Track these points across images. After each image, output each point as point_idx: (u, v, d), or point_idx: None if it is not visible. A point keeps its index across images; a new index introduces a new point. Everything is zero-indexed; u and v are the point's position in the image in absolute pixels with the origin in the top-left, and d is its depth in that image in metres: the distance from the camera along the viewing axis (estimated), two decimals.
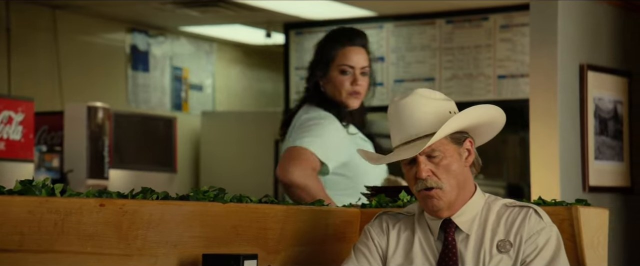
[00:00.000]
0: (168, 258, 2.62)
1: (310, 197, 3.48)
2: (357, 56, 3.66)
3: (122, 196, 2.57)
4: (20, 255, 2.29)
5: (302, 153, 3.59)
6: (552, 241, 2.62)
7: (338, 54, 3.66)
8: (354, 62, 3.64)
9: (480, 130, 2.70)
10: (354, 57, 3.65)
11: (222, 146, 8.02)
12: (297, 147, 3.62)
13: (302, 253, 2.99)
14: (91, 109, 6.17)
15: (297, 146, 3.62)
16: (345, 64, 3.64)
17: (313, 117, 3.74)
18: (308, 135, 3.66)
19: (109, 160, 6.27)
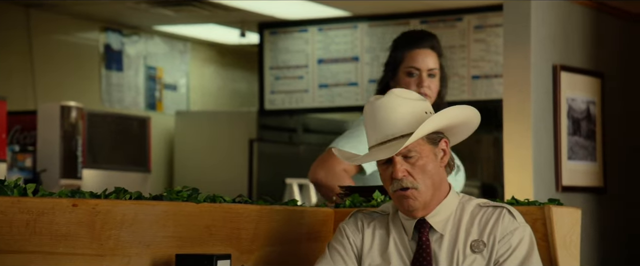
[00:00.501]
0: (141, 258, 2.61)
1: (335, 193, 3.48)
2: (423, 58, 3.66)
3: (95, 196, 2.55)
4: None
5: (332, 154, 3.60)
6: (525, 241, 2.63)
7: (405, 57, 3.66)
8: (419, 64, 3.64)
9: (456, 130, 2.71)
10: (420, 59, 3.65)
11: (197, 146, 8.00)
12: (331, 147, 3.65)
13: (275, 252, 2.99)
14: (64, 109, 6.13)
15: (331, 147, 3.66)
16: (411, 66, 3.64)
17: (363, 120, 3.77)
18: (347, 137, 3.71)
19: (83, 159, 6.24)
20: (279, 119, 7.97)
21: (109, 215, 2.53)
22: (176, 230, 2.70)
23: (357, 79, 7.24)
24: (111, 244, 2.54)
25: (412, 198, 2.61)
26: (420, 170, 2.61)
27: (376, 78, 7.20)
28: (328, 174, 3.65)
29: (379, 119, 2.62)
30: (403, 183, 2.60)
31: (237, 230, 2.88)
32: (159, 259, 2.66)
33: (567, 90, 4.58)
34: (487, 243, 2.62)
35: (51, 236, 2.40)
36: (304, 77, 7.44)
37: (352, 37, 7.26)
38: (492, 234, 2.62)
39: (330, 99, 7.37)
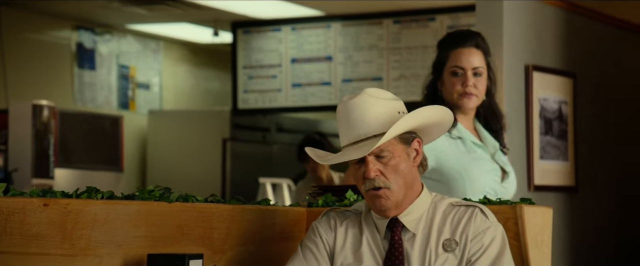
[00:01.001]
0: (113, 258, 2.60)
1: None
2: (468, 57, 3.59)
3: (67, 195, 2.54)
4: None
5: None
6: (498, 240, 2.64)
7: (449, 56, 3.61)
8: (464, 63, 3.58)
9: (428, 130, 2.72)
10: (464, 58, 3.59)
11: (170, 145, 7.98)
12: None
13: (248, 252, 2.99)
14: (36, 107, 6.10)
15: None
16: (456, 65, 3.58)
17: None
18: None
19: (55, 159, 6.20)
20: (252, 118, 7.96)
21: (80, 215, 2.52)
22: (148, 229, 2.69)
23: (330, 79, 7.24)
24: (83, 244, 2.52)
25: (384, 198, 2.62)
26: (393, 170, 2.61)
27: (349, 77, 7.23)
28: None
29: (352, 119, 2.62)
30: (375, 182, 2.61)
31: (210, 229, 2.87)
32: (131, 259, 2.65)
33: (539, 90, 4.60)
34: (459, 242, 2.63)
35: (22, 236, 2.38)
36: (277, 77, 7.44)
37: (325, 37, 7.26)
38: (465, 233, 2.63)
39: (303, 99, 7.38)
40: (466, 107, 3.60)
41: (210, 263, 2.86)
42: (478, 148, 3.59)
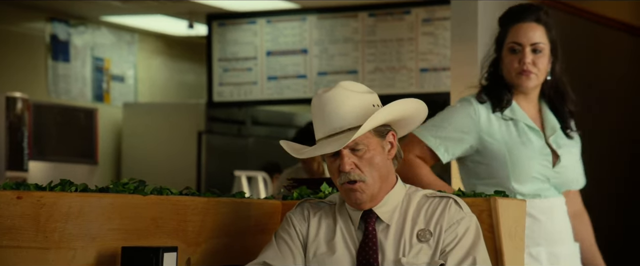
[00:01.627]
0: (86, 251, 2.60)
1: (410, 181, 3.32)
2: (526, 32, 3.39)
3: (40, 188, 2.53)
4: None
5: (409, 140, 3.49)
6: (472, 230, 2.65)
7: (508, 32, 3.42)
8: (522, 38, 3.38)
9: (403, 122, 2.73)
10: (523, 33, 3.39)
11: (145, 138, 7.96)
12: (410, 133, 3.39)
13: (222, 245, 2.99)
14: (10, 99, 6.06)
15: (411, 132, 3.39)
16: (514, 41, 3.39)
17: (452, 104, 3.60)
18: (429, 122, 3.49)
19: (29, 151, 6.17)
20: (227, 111, 7.95)
21: (54, 208, 2.51)
22: (122, 222, 2.69)
23: (305, 72, 7.24)
24: (56, 237, 2.51)
25: (359, 191, 2.63)
26: (368, 163, 2.62)
27: (325, 70, 7.23)
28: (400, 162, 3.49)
29: (327, 112, 2.62)
30: (350, 176, 2.62)
31: (184, 222, 2.87)
32: (105, 252, 2.64)
33: None
34: (433, 232, 2.64)
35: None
36: (252, 69, 7.43)
37: (301, 30, 7.26)
38: (439, 224, 2.65)
39: (278, 91, 7.37)
40: (525, 86, 3.42)
41: (185, 255, 2.86)
42: (531, 131, 3.45)
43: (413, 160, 3.48)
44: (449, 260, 2.61)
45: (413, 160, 3.48)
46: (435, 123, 3.50)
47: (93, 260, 2.61)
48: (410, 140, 3.50)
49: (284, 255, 2.71)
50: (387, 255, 2.64)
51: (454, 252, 2.62)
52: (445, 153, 3.49)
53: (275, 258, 2.70)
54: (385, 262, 2.64)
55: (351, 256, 2.66)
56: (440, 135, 3.48)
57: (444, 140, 3.48)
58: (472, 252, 2.62)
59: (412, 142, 3.50)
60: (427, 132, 3.48)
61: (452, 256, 2.61)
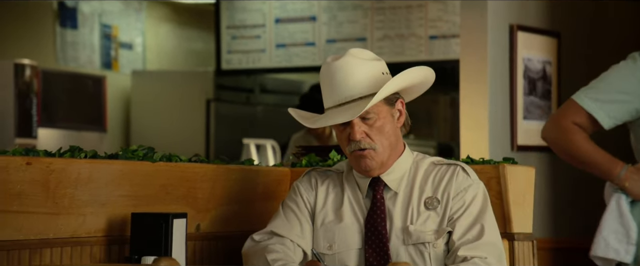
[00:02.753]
0: (96, 217, 2.61)
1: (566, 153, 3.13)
2: None
3: (50, 154, 2.54)
4: None
5: (565, 105, 3.25)
6: (479, 197, 2.65)
7: None
8: None
9: (411, 90, 2.73)
10: None
11: (153, 106, 7.95)
12: (569, 98, 3.22)
13: (231, 211, 2.99)
14: (18, 66, 6.06)
15: (571, 97, 3.22)
16: None
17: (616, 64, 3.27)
18: (590, 85, 3.26)
19: (37, 118, 6.18)
20: (235, 79, 7.93)
21: (63, 174, 2.52)
22: (132, 189, 2.69)
23: (314, 39, 7.21)
24: (66, 203, 2.52)
25: (369, 158, 2.63)
26: (378, 131, 2.62)
27: (334, 38, 7.20)
28: (554, 128, 3.25)
29: (336, 81, 2.62)
30: (361, 144, 2.62)
31: (194, 189, 2.88)
32: (115, 218, 2.65)
33: (523, 50, 4.60)
34: (441, 200, 2.64)
35: (4, 194, 2.38)
36: (261, 37, 7.41)
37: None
38: (446, 191, 2.65)
39: (287, 59, 7.35)
40: None
41: (194, 222, 2.87)
42: None
43: (568, 126, 3.22)
44: (457, 227, 2.61)
45: (568, 127, 3.21)
46: (596, 85, 3.23)
47: (103, 226, 2.63)
48: (567, 104, 3.24)
49: (292, 224, 2.71)
50: (395, 223, 2.64)
51: (462, 219, 2.62)
52: (606, 117, 3.21)
53: (282, 227, 2.71)
54: (393, 230, 2.64)
55: (359, 224, 2.67)
56: (600, 97, 3.21)
57: (604, 103, 3.21)
58: (480, 219, 2.62)
59: (569, 106, 3.24)
60: (585, 95, 3.21)
61: (459, 224, 2.62)
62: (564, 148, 3.02)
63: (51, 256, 2.49)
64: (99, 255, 2.61)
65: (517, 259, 2.91)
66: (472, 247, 2.58)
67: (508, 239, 2.89)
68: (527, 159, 4.56)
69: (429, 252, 2.61)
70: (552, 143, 3.30)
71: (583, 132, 3.22)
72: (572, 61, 4.93)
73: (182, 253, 2.63)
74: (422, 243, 2.61)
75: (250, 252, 2.69)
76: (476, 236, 2.59)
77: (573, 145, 3.19)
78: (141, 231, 2.60)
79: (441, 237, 2.62)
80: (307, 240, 2.70)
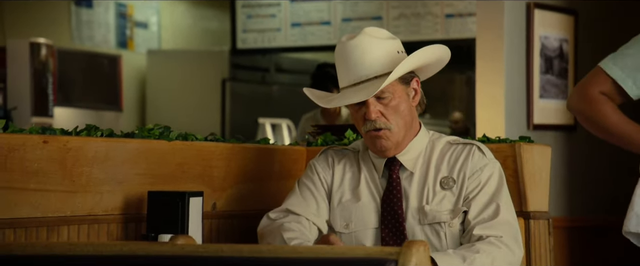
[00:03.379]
0: (113, 195, 2.62)
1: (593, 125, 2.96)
2: None
3: (66, 133, 2.55)
4: None
5: (592, 73, 3.08)
6: (495, 177, 2.65)
7: None
8: None
9: (427, 68, 2.72)
10: None
11: (168, 85, 7.96)
12: (596, 65, 3.05)
13: (247, 190, 3.00)
14: (34, 45, 6.07)
15: (598, 65, 3.04)
16: None
17: None
18: (619, 51, 3.08)
19: (53, 97, 6.20)
20: (251, 58, 7.93)
21: (80, 152, 2.52)
22: (148, 167, 2.70)
23: (330, 18, 7.20)
24: (83, 181, 2.53)
25: (384, 138, 2.62)
26: (393, 111, 2.62)
27: (349, 16, 7.19)
28: (580, 98, 3.07)
29: (352, 60, 2.61)
30: (376, 124, 2.61)
31: (210, 168, 2.88)
32: (132, 196, 2.66)
33: (540, 28, 4.58)
34: (456, 179, 2.64)
35: (22, 172, 2.39)
36: (276, 16, 7.40)
37: None
38: (462, 171, 2.64)
39: (303, 38, 7.35)
40: None
41: (210, 200, 2.87)
42: None
43: (596, 96, 3.05)
44: (472, 206, 2.61)
45: (595, 97, 3.05)
46: (625, 51, 3.06)
47: (120, 204, 2.64)
48: (594, 72, 3.10)
49: (308, 202, 2.71)
50: (410, 203, 2.64)
51: (477, 199, 2.62)
52: (634, 86, 3.04)
53: (298, 205, 2.71)
54: (409, 209, 2.64)
55: (376, 203, 2.67)
56: (629, 65, 3.04)
57: (633, 71, 3.04)
58: (496, 199, 2.62)
59: (596, 74, 3.08)
60: (613, 63, 3.05)
61: (475, 203, 2.61)
62: (592, 120, 2.91)
63: (69, 233, 2.50)
64: (116, 233, 2.63)
65: (533, 237, 2.91)
66: (488, 226, 2.58)
67: (524, 218, 2.89)
68: (543, 138, 4.55)
69: (445, 232, 2.61)
70: (579, 114, 3.12)
71: (611, 102, 3.07)
72: (589, 39, 4.90)
73: (198, 231, 2.64)
74: (437, 223, 2.61)
75: (266, 231, 2.69)
76: (492, 215, 2.59)
77: (601, 116, 3.04)
78: (158, 210, 2.61)
79: (457, 217, 2.61)
80: (322, 219, 2.71)
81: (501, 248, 2.54)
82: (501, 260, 2.53)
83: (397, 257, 1.73)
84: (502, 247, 2.54)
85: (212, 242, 2.86)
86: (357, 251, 1.79)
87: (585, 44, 4.88)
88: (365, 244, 2.65)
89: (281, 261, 1.78)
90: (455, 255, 2.49)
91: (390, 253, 1.74)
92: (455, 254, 2.49)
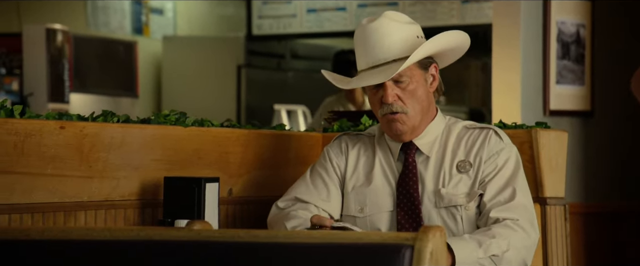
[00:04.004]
0: (129, 180, 2.62)
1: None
2: None
3: (83, 119, 2.55)
4: None
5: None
6: (511, 161, 2.64)
7: None
8: None
9: (445, 55, 2.71)
10: None
11: (184, 71, 7.97)
12: None
13: (263, 176, 3.00)
14: (50, 31, 6.08)
15: None
16: None
17: None
18: None
19: (70, 83, 6.21)
20: (266, 45, 7.92)
21: (97, 138, 2.53)
22: (164, 153, 2.71)
23: (345, 4, 7.19)
24: (100, 166, 2.54)
25: (400, 122, 2.62)
26: (411, 95, 2.61)
27: (365, 2, 7.17)
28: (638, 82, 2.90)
29: (371, 43, 2.61)
30: (393, 107, 2.61)
31: (226, 153, 2.89)
32: (148, 182, 2.67)
33: (557, 13, 4.56)
34: (473, 163, 2.64)
35: (39, 157, 2.40)
36: (291, 2, 7.39)
37: None
38: (479, 155, 2.64)
39: (318, 24, 7.33)
40: None
41: (226, 186, 2.88)
42: None
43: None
44: (488, 189, 2.61)
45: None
46: None
47: (136, 190, 2.64)
48: None
49: (318, 189, 2.72)
50: (426, 186, 2.64)
51: (493, 182, 2.61)
52: None
53: (306, 193, 2.72)
54: (425, 193, 2.64)
55: (391, 186, 2.67)
56: None
57: None
58: (512, 182, 2.62)
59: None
60: None
61: (491, 186, 2.61)
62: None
63: (85, 218, 2.52)
64: (132, 218, 2.64)
65: (549, 223, 2.91)
66: (504, 209, 2.57)
67: (540, 203, 2.88)
68: (560, 124, 4.54)
69: (461, 215, 2.61)
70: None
71: None
72: (607, 24, 4.88)
73: (214, 217, 2.65)
74: (454, 206, 2.61)
75: (273, 221, 2.70)
76: (508, 199, 2.59)
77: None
78: (174, 195, 2.61)
79: (473, 200, 2.61)
80: (333, 204, 2.71)
81: (517, 231, 2.54)
82: (517, 243, 2.53)
83: (413, 243, 1.73)
84: (518, 230, 2.54)
85: (228, 228, 2.86)
86: (373, 236, 1.79)
87: (603, 29, 4.86)
88: (380, 228, 2.65)
89: (297, 247, 1.78)
90: (471, 239, 2.49)
91: (406, 239, 1.74)
92: (471, 239, 2.49)
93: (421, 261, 1.71)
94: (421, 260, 1.71)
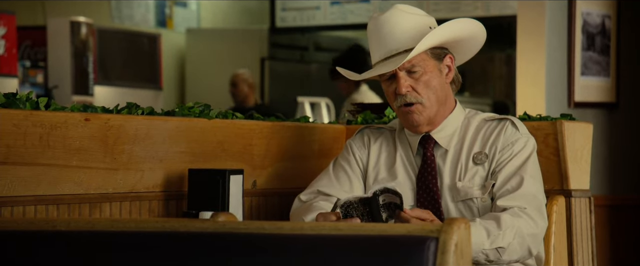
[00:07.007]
0: (154, 172, 2.63)
1: None
2: None
3: (108, 111, 2.56)
4: (6, 168, 2.29)
5: None
6: (525, 150, 2.62)
7: None
8: None
9: (461, 45, 2.68)
10: None
11: (208, 64, 7.99)
12: None
13: (287, 168, 3.01)
14: (74, 24, 6.11)
15: None
16: None
17: None
18: None
19: (94, 76, 6.24)
20: (290, 37, 7.93)
21: (121, 130, 2.54)
22: (189, 145, 2.72)
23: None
24: (125, 158, 2.55)
25: (416, 113, 2.61)
26: (425, 85, 2.60)
27: None
28: None
29: (382, 34, 2.60)
30: (407, 98, 2.60)
31: (250, 146, 2.89)
32: (172, 174, 2.68)
33: (582, 4, 4.53)
34: (488, 154, 2.62)
35: (65, 149, 2.41)
36: None
37: None
38: (494, 145, 2.63)
39: (342, 16, 7.33)
40: None
41: (251, 178, 2.88)
42: None
43: None
44: (499, 178, 2.59)
45: None
46: None
47: (161, 181, 2.65)
48: None
49: (341, 182, 2.71)
50: (444, 180, 2.64)
51: (504, 170, 2.60)
52: None
53: (329, 186, 2.71)
54: (443, 187, 2.63)
55: (411, 181, 2.66)
56: None
57: None
58: (521, 171, 2.59)
59: None
60: None
61: (501, 174, 2.59)
62: None
63: (110, 210, 2.53)
64: (157, 210, 2.65)
65: (574, 216, 2.89)
66: (511, 197, 2.55)
67: (565, 196, 2.87)
68: (584, 116, 4.51)
69: (478, 206, 2.60)
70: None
71: None
72: (632, 15, 4.85)
73: (239, 209, 2.65)
74: (470, 199, 2.60)
75: (296, 214, 2.70)
76: (515, 187, 2.56)
77: None
78: (198, 187, 2.62)
79: (487, 191, 2.60)
80: None
81: (523, 218, 2.51)
82: (523, 230, 2.50)
83: (438, 235, 1.73)
84: (524, 217, 2.52)
85: (252, 219, 2.87)
86: (398, 228, 1.79)
87: (628, 20, 4.83)
88: None
89: (322, 239, 1.78)
90: (480, 226, 2.46)
91: (431, 231, 1.74)
92: (480, 226, 2.46)
93: (446, 253, 1.71)
94: (446, 252, 1.71)
